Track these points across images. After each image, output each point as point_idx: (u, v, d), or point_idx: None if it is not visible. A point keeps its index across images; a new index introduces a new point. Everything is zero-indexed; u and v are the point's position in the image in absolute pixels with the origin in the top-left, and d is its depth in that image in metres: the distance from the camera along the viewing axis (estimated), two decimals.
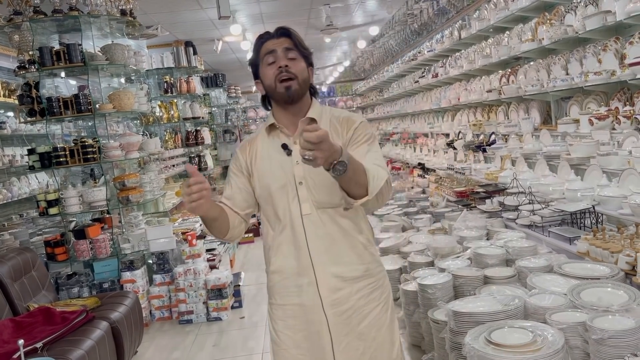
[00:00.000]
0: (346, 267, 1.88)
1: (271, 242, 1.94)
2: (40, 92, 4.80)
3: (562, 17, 4.05)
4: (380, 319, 1.93)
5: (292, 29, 1.91)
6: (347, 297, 1.88)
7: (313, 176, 1.84)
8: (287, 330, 1.92)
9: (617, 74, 3.31)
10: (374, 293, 1.93)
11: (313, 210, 1.85)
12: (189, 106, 8.24)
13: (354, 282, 1.89)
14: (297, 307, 1.89)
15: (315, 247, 1.85)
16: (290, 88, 1.82)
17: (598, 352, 1.89)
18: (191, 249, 5.10)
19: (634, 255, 2.45)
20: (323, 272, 1.85)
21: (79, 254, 4.84)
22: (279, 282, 1.92)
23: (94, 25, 5.00)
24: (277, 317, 1.95)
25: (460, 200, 4.64)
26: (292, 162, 1.85)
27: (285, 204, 1.86)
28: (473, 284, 2.81)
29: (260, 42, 1.90)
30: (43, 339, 3.18)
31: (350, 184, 1.70)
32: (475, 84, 5.89)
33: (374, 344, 1.91)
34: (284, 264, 1.90)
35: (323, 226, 1.85)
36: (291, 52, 1.85)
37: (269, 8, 7.80)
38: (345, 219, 1.89)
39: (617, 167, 3.23)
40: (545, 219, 3.37)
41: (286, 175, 1.86)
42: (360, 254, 1.91)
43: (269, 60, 1.85)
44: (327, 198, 1.85)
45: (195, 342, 4.53)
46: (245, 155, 1.95)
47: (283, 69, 1.82)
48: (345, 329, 1.87)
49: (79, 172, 5.69)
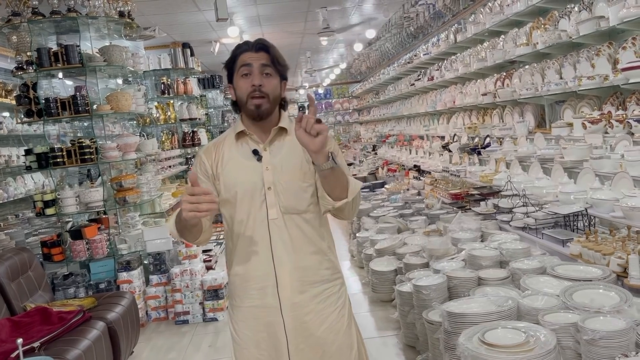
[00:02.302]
0: (307, 271, 1.93)
1: (233, 245, 1.97)
2: (38, 93, 4.81)
3: (556, 22, 4.09)
4: (337, 323, 1.97)
5: (271, 44, 1.92)
6: (307, 302, 1.92)
7: (282, 182, 1.89)
8: (247, 331, 1.96)
9: (610, 79, 3.36)
10: (331, 298, 1.97)
11: (279, 215, 1.89)
12: (186, 107, 8.25)
13: (313, 287, 1.94)
14: (257, 308, 1.93)
15: (279, 251, 1.89)
16: (260, 107, 1.86)
17: (589, 353, 1.93)
18: (188, 249, 5.11)
19: (625, 257, 2.48)
20: (284, 276, 1.89)
21: (75, 254, 4.84)
22: (240, 284, 1.96)
23: (92, 27, 5.01)
24: (237, 318, 1.99)
25: (455, 202, 4.68)
26: (262, 168, 1.89)
27: (252, 208, 1.89)
28: (467, 285, 2.84)
29: (238, 51, 1.91)
30: (40, 339, 3.19)
31: (336, 184, 1.79)
32: (471, 87, 5.93)
33: (332, 348, 1.96)
34: (246, 267, 1.93)
35: (287, 231, 1.90)
36: (267, 68, 1.87)
37: (267, 10, 7.83)
38: (309, 225, 1.93)
39: (609, 170, 3.27)
40: (539, 221, 3.41)
41: (255, 181, 1.89)
42: (321, 260, 1.96)
43: (243, 72, 1.87)
44: (294, 204, 1.90)
45: (191, 342, 4.55)
46: (210, 160, 1.96)
47: (257, 89, 1.84)
48: (304, 333, 1.92)
49: (75, 173, 5.70)
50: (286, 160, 1.90)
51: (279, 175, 1.89)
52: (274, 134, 1.93)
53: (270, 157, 1.90)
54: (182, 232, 1.90)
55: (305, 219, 1.92)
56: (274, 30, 9.29)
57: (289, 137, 1.94)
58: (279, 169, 1.90)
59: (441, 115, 7.19)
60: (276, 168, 1.90)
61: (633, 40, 3.27)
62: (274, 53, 1.91)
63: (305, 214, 1.92)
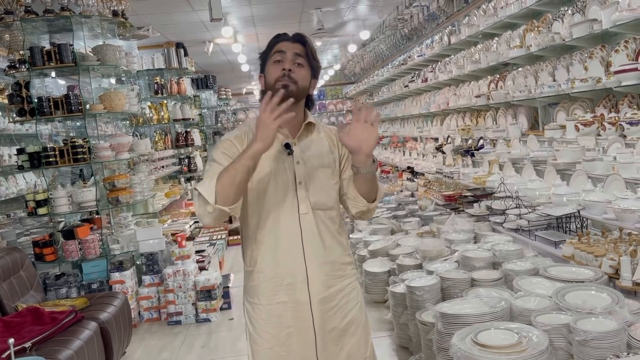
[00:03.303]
0: (334, 266, 1.94)
1: (258, 242, 1.93)
2: (31, 92, 4.78)
3: (549, 25, 4.11)
4: (358, 317, 2.01)
5: (309, 38, 1.95)
6: (334, 295, 1.94)
7: (312, 177, 1.89)
8: (271, 330, 1.93)
9: (602, 81, 3.38)
10: (352, 293, 2.01)
11: (309, 210, 1.89)
12: (179, 107, 8.23)
13: (339, 281, 1.96)
14: (284, 305, 1.91)
15: (309, 246, 1.89)
16: (287, 87, 1.83)
17: (581, 353, 1.94)
18: (180, 250, 5.09)
19: (617, 259, 2.50)
20: (315, 270, 1.90)
21: (67, 254, 4.82)
22: (266, 281, 1.93)
23: (86, 26, 4.99)
24: (259, 317, 1.96)
25: (448, 203, 4.69)
26: (293, 162, 1.89)
27: (282, 202, 1.88)
28: (460, 286, 2.85)
29: (274, 41, 1.93)
30: (32, 339, 3.17)
31: (371, 186, 1.87)
32: (464, 89, 5.95)
33: (352, 341, 1.98)
34: (274, 263, 1.91)
35: (316, 226, 1.90)
36: (300, 58, 1.88)
37: (261, 11, 7.82)
38: (332, 222, 1.95)
39: (602, 172, 3.29)
40: (532, 223, 3.42)
41: (286, 174, 1.88)
42: (343, 255, 1.99)
43: (276, 58, 1.88)
44: (323, 199, 1.91)
45: (184, 343, 4.53)
46: (242, 146, 1.89)
47: (286, 73, 1.84)
48: (328, 326, 1.93)
49: (68, 173, 5.67)
50: (315, 156, 1.91)
51: (309, 170, 1.90)
52: (303, 128, 1.94)
53: (301, 152, 1.91)
54: (229, 187, 1.73)
55: (329, 215, 1.94)
56: (269, 30, 9.28)
57: (316, 133, 1.97)
58: (310, 165, 1.91)
59: (435, 116, 7.21)
60: (306, 163, 1.90)
61: (625, 44, 3.30)
62: (310, 47, 1.93)
63: (331, 211, 1.95)
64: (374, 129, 1.75)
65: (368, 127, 1.74)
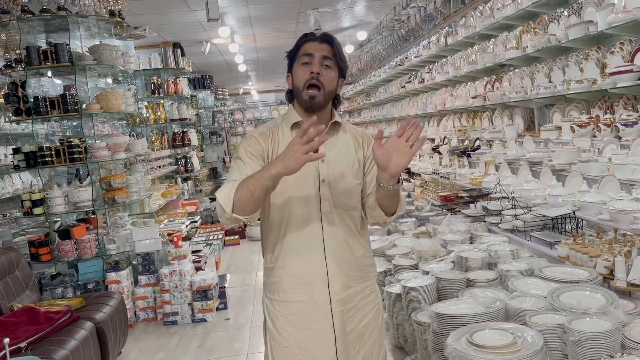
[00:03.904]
0: (355, 267, 1.94)
1: (279, 238, 1.92)
2: (27, 92, 4.78)
3: (545, 26, 4.12)
4: (375, 320, 2.00)
5: (336, 38, 1.95)
6: (353, 297, 1.93)
7: (335, 176, 1.89)
8: (289, 328, 1.92)
9: (598, 83, 3.39)
10: (371, 295, 2.00)
11: (332, 209, 1.89)
12: (176, 107, 8.23)
13: (359, 282, 1.96)
14: (303, 303, 1.90)
15: (330, 245, 1.89)
16: (314, 98, 1.86)
17: (576, 354, 1.94)
18: (177, 250, 5.10)
19: (611, 259, 2.50)
20: (335, 270, 1.89)
21: (63, 254, 4.81)
22: (286, 278, 1.92)
23: (82, 25, 4.99)
24: (279, 313, 1.94)
25: (444, 204, 4.69)
26: (318, 160, 1.86)
27: (305, 200, 1.88)
28: (456, 286, 2.85)
29: (302, 40, 1.94)
30: (27, 339, 3.17)
31: (392, 202, 1.84)
32: (461, 90, 5.96)
33: (368, 344, 1.97)
34: (295, 261, 1.90)
35: (339, 225, 1.90)
36: (328, 60, 1.89)
37: (258, 11, 7.82)
38: (356, 222, 1.95)
39: (597, 173, 3.30)
40: (527, 223, 3.43)
41: (310, 172, 1.87)
42: (365, 256, 2.00)
43: (304, 60, 1.89)
44: (345, 199, 1.91)
45: (180, 343, 4.53)
46: (267, 143, 1.92)
47: (314, 76, 1.85)
48: (346, 328, 1.92)
49: (64, 172, 5.66)
50: (340, 156, 1.91)
51: (333, 169, 1.89)
52: (329, 127, 1.94)
53: (326, 151, 1.89)
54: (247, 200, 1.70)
55: (351, 215, 1.94)
56: (266, 31, 9.29)
57: (342, 133, 1.97)
58: (334, 164, 1.90)
59: (431, 117, 7.22)
60: (330, 162, 1.90)
61: (621, 45, 3.31)
62: (338, 47, 1.93)
63: (353, 211, 1.94)
64: (411, 152, 1.67)
65: (405, 148, 1.66)
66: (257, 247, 7.94)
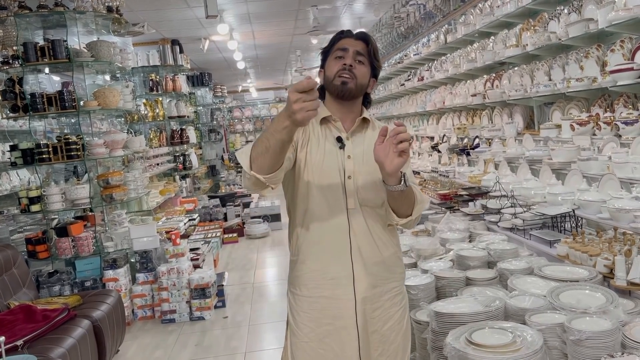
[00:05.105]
0: (381, 266, 1.91)
1: (305, 232, 1.91)
2: (24, 88, 4.75)
3: (545, 24, 4.11)
4: (399, 323, 1.97)
5: (373, 38, 1.95)
6: (379, 297, 1.91)
7: (362, 172, 1.87)
8: (310, 323, 1.90)
9: (598, 81, 3.38)
10: (397, 297, 1.97)
11: (357, 206, 1.87)
12: (175, 105, 8.21)
13: (386, 283, 1.93)
14: (327, 299, 1.88)
15: (358, 242, 1.86)
16: (346, 84, 1.85)
17: (575, 353, 1.93)
18: (175, 248, 5.08)
19: (611, 258, 2.49)
20: (361, 268, 1.87)
21: (60, 251, 4.80)
22: (309, 272, 1.90)
23: (80, 22, 4.96)
24: (300, 308, 1.93)
25: (443, 202, 4.68)
26: (344, 156, 1.87)
27: (330, 194, 1.86)
28: (455, 285, 2.84)
29: (338, 37, 1.94)
30: (24, 337, 3.15)
31: (403, 203, 1.80)
32: (460, 88, 5.95)
33: (391, 347, 1.94)
34: (319, 255, 1.89)
35: (364, 222, 1.87)
36: (361, 57, 1.89)
37: (257, 8, 7.80)
38: (382, 220, 1.92)
39: (597, 172, 3.29)
40: (527, 222, 3.42)
41: (337, 167, 1.87)
42: (395, 257, 1.96)
43: (338, 54, 1.89)
44: (372, 196, 1.88)
45: (177, 341, 4.52)
46: (298, 133, 1.87)
47: (347, 67, 1.85)
48: (370, 328, 1.90)
49: (62, 170, 5.64)
50: (367, 153, 1.86)
51: (360, 165, 1.87)
52: (357, 124, 1.93)
53: (353, 147, 1.89)
54: (264, 154, 1.64)
55: (379, 213, 1.90)
56: (265, 28, 9.26)
57: (370, 130, 1.95)
58: (360, 160, 1.88)
59: (431, 115, 7.20)
60: (357, 158, 1.88)
61: (621, 43, 3.29)
62: (373, 46, 1.92)
63: (380, 209, 1.90)
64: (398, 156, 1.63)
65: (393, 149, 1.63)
66: (255, 245, 7.94)
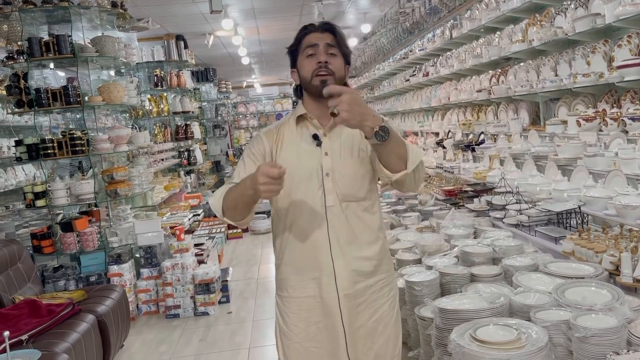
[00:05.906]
0: (364, 262, 1.90)
1: (285, 233, 1.92)
2: (29, 83, 4.76)
3: (552, 19, 4.08)
4: (387, 314, 1.97)
5: (337, 26, 1.92)
6: (362, 292, 1.90)
7: (340, 168, 1.86)
8: (300, 323, 1.91)
9: (605, 76, 3.35)
10: (384, 289, 1.96)
11: (337, 203, 1.85)
12: (179, 100, 8.21)
13: (369, 277, 1.92)
14: (313, 299, 1.89)
15: (336, 240, 1.85)
16: (326, 82, 1.82)
17: (581, 350, 1.92)
18: (179, 243, 5.09)
19: (617, 255, 2.48)
20: (342, 265, 1.86)
21: (65, 246, 4.81)
22: (293, 274, 1.91)
23: (84, 17, 4.96)
24: (288, 310, 1.93)
25: (448, 198, 4.67)
26: (321, 153, 1.86)
27: (309, 194, 1.85)
28: (460, 281, 2.83)
29: (303, 33, 1.91)
30: (29, 332, 3.16)
31: (391, 155, 1.73)
32: (466, 83, 5.92)
33: (380, 339, 1.94)
34: (300, 256, 1.89)
35: (345, 219, 1.86)
36: (332, 49, 1.87)
37: (261, 3, 7.78)
38: (367, 213, 1.91)
39: (603, 168, 3.26)
40: (532, 218, 3.40)
41: (313, 166, 1.86)
42: (379, 250, 1.95)
43: (309, 52, 1.87)
44: (352, 191, 1.87)
45: (182, 336, 4.53)
46: (271, 141, 1.91)
47: (322, 65, 1.83)
48: (356, 324, 1.90)
49: (66, 165, 5.65)
50: (344, 147, 1.87)
51: (337, 161, 1.86)
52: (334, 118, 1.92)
53: (330, 143, 1.87)
54: (233, 210, 1.80)
55: (363, 206, 1.89)
56: (269, 23, 9.24)
57: None
58: (338, 155, 1.87)
59: (436, 111, 7.18)
60: (335, 153, 1.87)
61: (628, 38, 3.26)
62: (340, 34, 1.90)
63: (364, 202, 1.89)
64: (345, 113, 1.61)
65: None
66: (259, 241, 7.94)
